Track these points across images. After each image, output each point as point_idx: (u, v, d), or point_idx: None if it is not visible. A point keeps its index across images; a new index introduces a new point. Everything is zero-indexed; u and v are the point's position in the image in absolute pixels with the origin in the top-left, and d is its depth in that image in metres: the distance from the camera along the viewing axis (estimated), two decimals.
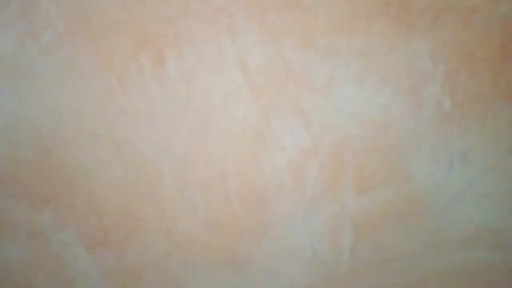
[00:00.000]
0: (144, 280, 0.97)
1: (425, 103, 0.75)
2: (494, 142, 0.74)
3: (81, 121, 0.91)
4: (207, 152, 0.87)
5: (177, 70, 0.83)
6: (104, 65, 0.87)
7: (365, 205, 0.81)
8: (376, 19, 0.75)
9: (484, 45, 0.74)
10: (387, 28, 0.75)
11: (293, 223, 0.85)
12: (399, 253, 0.82)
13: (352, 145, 0.80)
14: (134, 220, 0.94)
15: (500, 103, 0.73)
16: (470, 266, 0.79)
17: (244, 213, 0.88)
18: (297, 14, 0.77)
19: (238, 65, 0.81)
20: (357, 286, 0.86)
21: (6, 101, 0.91)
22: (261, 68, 0.80)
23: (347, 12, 0.76)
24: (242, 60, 0.80)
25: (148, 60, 0.84)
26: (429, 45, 0.74)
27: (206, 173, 0.88)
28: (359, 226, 0.82)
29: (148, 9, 0.81)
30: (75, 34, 0.87)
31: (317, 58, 0.78)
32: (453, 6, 0.73)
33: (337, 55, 0.77)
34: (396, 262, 0.83)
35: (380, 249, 0.83)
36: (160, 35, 0.82)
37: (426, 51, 0.75)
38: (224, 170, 0.87)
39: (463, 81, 0.75)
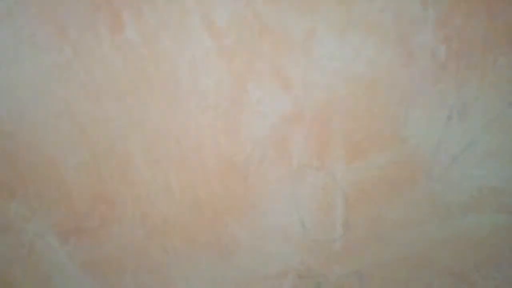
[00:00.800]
0: (125, 269, 0.89)
1: (417, 53, 0.66)
2: (495, 93, 0.65)
3: (41, 100, 0.82)
4: (179, 126, 0.78)
5: (137, 35, 0.74)
6: (59, 36, 0.78)
7: (357, 173, 0.72)
8: None
9: None
10: None
11: (279, 198, 0.77)
12: (397, 225, 0.74)
13: (338, 106, 0.71)
14: (108, 204, 0.86)
15: (500, 48, 0.64)
16: (475, 232, 0.71)
17: (225, 191, 0.80)
18: None
19: (204, 24, 0.71)
20: (353, 263, 0.78)
21: None
22: (230, 26, 0.71)
23: None
24: (208, 19, 0.71)
25: (105, 26, 0.75)
26: None
27: (179, 149, 0.79)
28: (351, 197, 0.74)
29: None
30: (25, 4, 0.78)
31: (292, 10, 0.69)
32: None
33: (315, 5, 0.68)
34: (394, 235, 0.74)
35: (376, 221, 0.75)
36: None
37: None
38: (199, 145, 0.78)
39: (458, 25, 0.65)
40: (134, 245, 0.88)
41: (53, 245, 0.92)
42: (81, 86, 0.79)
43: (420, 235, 0.74)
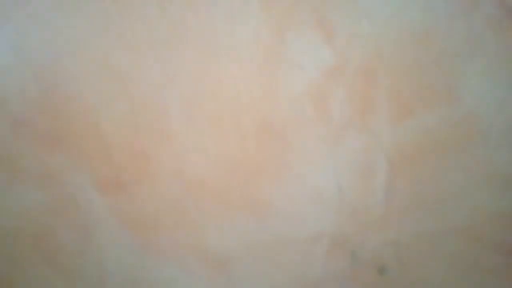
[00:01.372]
0: (162, 227, 0.88)
1: None
2: None
3: (82, 51, 0.81)
4: (214, 79, 0.74)
5: None
6: None
7: (403, 135, 0.65)
8: None
9: None
10: None
11: (316, 160, 0.72)
12: (445, 194, 0.66)
13: (386, 60, 0.63)
14: (145, 159, 0.84)
15: None
16: None
17: (259, 151, 0.75)
18: None
19: None
20: (393, 233, 0.72)
21: (7, 35, 0.83)
22: None
23: None
24: None
25: None
26: None
27: (214, 105, 0.75)
28: (395, 161, 0.67)
29: None
30: None
31: None
32: None
33: None
34: (441, 205, 0.67)
35: (421, 189, 0.67)
36: None
37: None
38: (235, 100, 0.74)
39: None
40: (170, 203, 0.87)
41: (93, 198, 0.92)
42: (119, 35, 0.77)
43: (470, 206, 0.66)
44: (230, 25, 0.70)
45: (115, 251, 0.96)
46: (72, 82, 0.85)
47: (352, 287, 0.77)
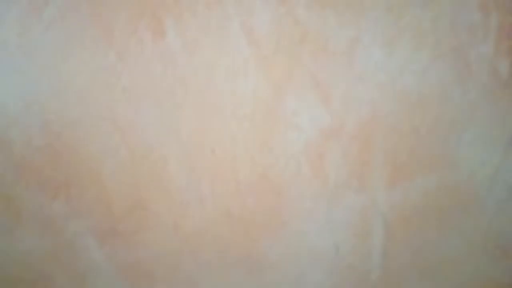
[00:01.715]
0: (157, 277, 0.87)
1: (475, 67, 0.58)
2: None
3: (86, 102, 0.83)
4: (213, 135, 0.75)
5: (177, 40, 0.72)
6: (105, 39, 0.78)
7: (400, 197, 0.65)
8: None
9: None
10: None
11: (313, 218, 0.71)
12: (442, 258, 0.65)
13: (382, 123, 0.64)
14: (143, 210, 0.84)
15: None
16: None
17: (257, 206, 0.75)
18: None
19: (244, 31, 0.68)
20: None
21: (15, 83, 0.85)
22: (270, 34, 0.67)
23: None
24: (248, 26, 0.67)
25: (148, 31, 0.74)
26: None
27: (213, 159, 0.76)
28: (392, 223, 0.66)
29: None
30: (76, 8, 0.80)
31: (335, 17, 0.63)
32: None
33: (361, 12, 0.61)
34: (439, 271, 0.65)
35: (418, 253, 0.66)
36: (158, 2, 0.71)
37: None
38: (233, 156, 0.74)
39: None
40: (167, 254, 0.86)
41: (91, 246, 0.92)
42: (123, 90, 0.79)
43: (469, 273, 0.64)
44: (229, 82, 0.72)
45: None
46: (76, 131, 0.87)
47: None
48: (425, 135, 0.60)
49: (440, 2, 0.56)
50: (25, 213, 0.92)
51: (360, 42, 0.61)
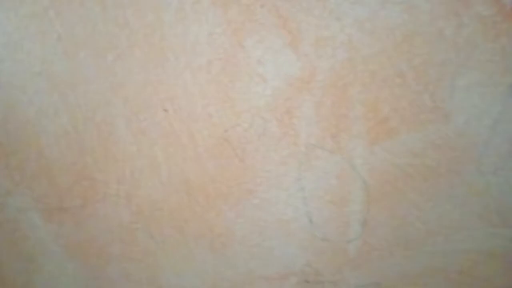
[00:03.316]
0: (110, 255, 0.77)
1: None
2: None
3: (17, 57, 0.70)
4: (165, 90, 0.63)
5: None
6: None
7: (382, 158, 0.54)
8: None
9: None
10: None
11: (282, 185, 0.60)
12: (432, 229, 0.55)
13: (360, 69, 0.53)
14: (90, 181, 0.73)
15: None
16: None
17: (218, 172, 0.64)
18: None
19: None
20: (371, 272, 0.60)
21: None
22: None
23: None
24: None
25: None
26: None
27: (166, 119, 0.64)
28: (373, 188, 0.56)
29: None
30: None
31: None
32: None
33: None
34: (427, 241, 0.56)
35: (403, 222, 0.56)
36: None
37: None
38: (189, 115, 0.63)
39: None
40: (119, 229, 0.75)
41: (37, 223, 0.81)
42: (58, 39, 0.66)
43: (462, 243, 0.55)
44: (181, 28, 0.59)
45: (63, 283, 0.85)
46: (9, 92, 0.74)
47: None
48: (412, 82, 0.50)
49: None
50: None
51: None
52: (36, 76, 0.70)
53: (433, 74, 0.50)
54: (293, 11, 0.53)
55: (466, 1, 0.47)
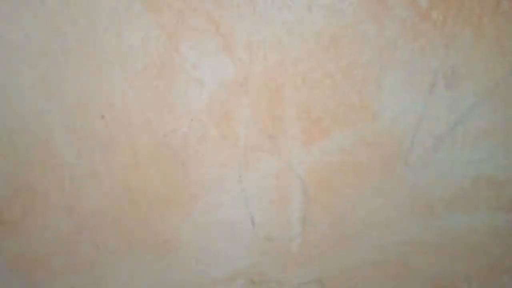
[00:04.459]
0: (53, 267, 0.74)
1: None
2: (495, 52, 0.48)
3: None
4: (101, 97, 0.62)
5: None
6: None
7: (317, 156, 0.56)
8: None
9: None
10: None
11: (224, 187, 0.61)
12: (367, 223, 0.57)
13: (292, 71, 0.54)
14: (29, 192, 0.70)
15: None
16: (466, 235, 0.54)
17: (160, 178, 0.64)
18: None
19: None
20: (313, 268, 0.62)
21: None
22: None
23: None
24: None
25: None
26: None
27: (104, 126, 0.63)
28: (311, 186, 0.57)
29: None
30: None
31: None
32: None
33: None
34: (364, 235, 0.58)
35: (341, 218, 0.58)
36: None
37: None
38: (127, 121, 0.62)
39: None
40: (62, 241, 0.73)
41: None
42: None
43: (395, 236, 0.58)
44: (115, 33, 0.59)
45: None
46: None
47: None
48: (341, 82, 0.51)
49: None
50: None
51: None
52: None
53: (360, 75, 0.52)
54: (225, 16, 0.54)
55: (385, 4, 0.49)
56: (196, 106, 0.59)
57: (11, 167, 0.70)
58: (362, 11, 0.49)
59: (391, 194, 0.55)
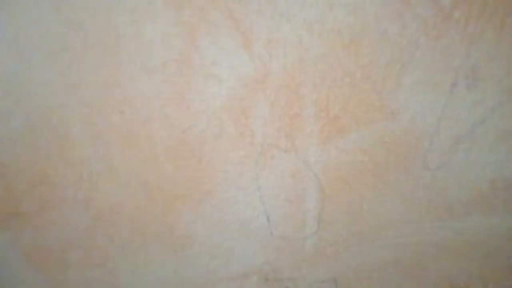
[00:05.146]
0: (70, 261, 0.75)
1: None
2: None
3: None
4: (120, 92, 0.63)
5: None
6: None
7: (334, 155, 0.56)
8: None
9: None
10: None
11: (240, 184, 0.61)
12: (383, 223, 0.57)
13: (311, 69, 0.54)
14: (47, 185, 0.71)
15: None
16: (483, 237, 0.54)
17: (176, 174, 0.64)
18: None
19: None
20: (328, 267, 0.62)
21: None
22: None
23: None
24: None
25: None
26: None
27: (123, 121, 0.64)
28: (327, 185, 0.58)
29: None
30: None
31: None
32: None
33: None
34: (380, 235, 0.58)
35: (357, 217, 0.58)
36: None
37: None
38: (145, 116, 0.63)
39: None
40: (78, 234, 0.74)
41: None
42: (8, 41, 0.65)
43: (412, 236, 0.57)
44: (135, 29, 0.59)
45: None
46: None
47: None
48: (360, 81, 0.51)
49: None
50: None
51: None
52: None
53: (380, 74, 0.52)
54: (245, 12, 0.54)
55: (408, 3, 0.49)
56: (214, 102, 0.59)
57: (30, 160, 0.72)
58: (384, 9, 0.49)
59: (408, 195, 0.54)
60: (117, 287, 0.73)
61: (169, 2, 0.56)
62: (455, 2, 0.47)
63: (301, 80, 0.54)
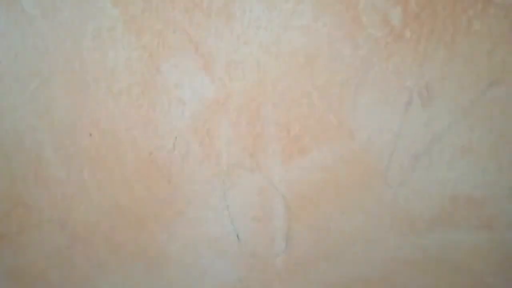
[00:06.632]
0: (48, 281, 0.77)
1: (365, 19, 0.50)
2: (470, 69, 0.48)
3: None
4: (88, 115, 0.64)
5: (34, 6, 0.60)
6: None
7: (298, 174, 0.57)
8: None
9: None
10: None
11: (209, 204, 0.62)
12: (349, 239, 0.58)
13: (270, 90, 0.55)
14: (24, 207, 0.73)
15: (475, 7, 0.47)
16: (446, 253, 0.54)
17: (147, 195, 0.65)
18: None
19: None
20: (297, 282, 0.62)
21: None
22: None
23: None
24: None
25: None
26: None
27: (92, 143, 0.65)
28: (292, 203, 0.58)
29: None
30: None
31: None
32: None
33: None
34: (346, 251, 0.58)
35: (323, 234, 0.59)
36: None
37: None
38: (114, 138, 0.64)
39: None
40: (56, 254, 0.75)
41: None
42: None
43: (378, 252, 0.58)
44: (98, 50, 0.61)
45: None
46: None
47: None
48: (318, 101, 0.52)
49: None
50: None
51: None
52: None
53: (336, 94, 0.53)
54: (204, 36, 0.55)
55: (359, 24, 0.50)
56: (179, 124, 0.60)
57: (7, 183, 0.73)
58: (336, 30, 0.50)
59: (372, 212, 0.55)
60: None
61: (130, 27, 0.57)
62: (406, 22, 0.47)
63: (261, 100, 0.55)
